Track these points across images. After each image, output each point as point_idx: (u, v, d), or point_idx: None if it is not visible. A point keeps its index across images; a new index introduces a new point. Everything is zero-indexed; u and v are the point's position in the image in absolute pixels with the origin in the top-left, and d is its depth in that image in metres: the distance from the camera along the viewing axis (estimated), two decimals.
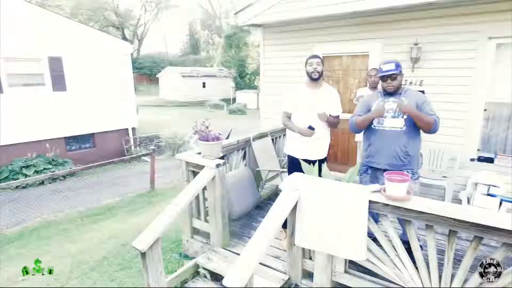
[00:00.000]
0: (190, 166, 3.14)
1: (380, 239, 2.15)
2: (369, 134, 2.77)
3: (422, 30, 3.77)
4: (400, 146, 2.59)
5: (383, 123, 2.64)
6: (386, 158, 2.65)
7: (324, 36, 4.55)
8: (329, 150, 5.00)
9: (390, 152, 2.63)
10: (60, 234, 5.40)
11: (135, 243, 2.36)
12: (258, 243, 2.05)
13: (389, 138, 2.62)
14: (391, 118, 2.61)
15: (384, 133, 2.64)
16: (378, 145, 2.69)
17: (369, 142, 2.77)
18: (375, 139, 2.71)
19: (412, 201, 1.95)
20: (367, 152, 2.81)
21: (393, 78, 2.57)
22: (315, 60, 2.92)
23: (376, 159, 2.72)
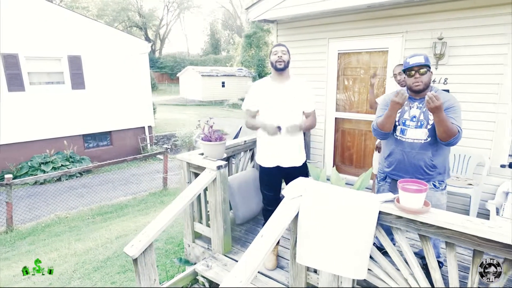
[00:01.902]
0: (191, 167, 2.99)
1: (391, 254, 1.90)
2: (390, 141, 2.44)
3: (448, 23, 3.44)
4: (425, 160, 2.25)
5: (405, 133, 2.29)
6: (410, 172, 2.31)
7: (340, 31, 4.28)
8: (344, 153, 4.75)
9: (413, 166, 2.29)
10: (70, 232, 5.42)
11: (126, 248, 2.23)
12: (255, 255, 1.85)
13: (413, 151, 2.27)
14: (414, 129, 2.26)
15: (406, 144, 2.30)
16: (400, 157, 2.35)
17: (390, 151, 2.43)
18: (397, 149, 2.37)
19: (430, 214, 1.70)
20: (387, 161, 2.47)
21: (421, 72, 2.19)
22: (279, 48, 2.55)
23: (398, 171, 2.39)
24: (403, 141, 2.32)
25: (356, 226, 1.86)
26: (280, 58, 2.53)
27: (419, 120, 2.24)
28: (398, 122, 2.34)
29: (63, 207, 6.64)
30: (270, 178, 2.70)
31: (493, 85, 3.32)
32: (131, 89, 10.59)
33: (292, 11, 4.20)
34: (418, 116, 2.25)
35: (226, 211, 2.87)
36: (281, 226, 1.98)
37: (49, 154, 8.79)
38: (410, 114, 2.29)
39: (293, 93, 2.58)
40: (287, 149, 2.60)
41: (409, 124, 2.28)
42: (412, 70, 2.22)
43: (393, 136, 2.39)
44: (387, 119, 2.26)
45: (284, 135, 2.54)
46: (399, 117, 2.33)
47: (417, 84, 2.22)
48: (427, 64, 2.19)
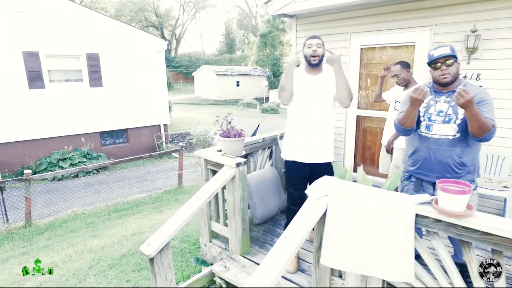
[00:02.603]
0: (209, 164, 2.89)
1: (426, 260, 1.75)
2: (414, 138, 2.28)
3: (481, 15, 3.22)
4: (453, 157, 2.08)
5: (432, 129, 2.13)
6: (436, 170, 2.15)
7: (363, 25, 4.10)
8: (365, 152, 4.56)
9: (440, 164, 2.12)
10: (86, 228, 5.43)
11: (143, 247, 2.15)
12: (278, 258, 1.74)
13: (440, 148, 2.10)
14: (441, 124, 2.09)
15: (433, 141, 2.13)
16: (426, 154, 2.17)
17: (415, 149, 2.26)
18: (422, 147, 2.20)
19: (474, 218, 1.54)
20: (412, 159, 2.30)
21: (448, 64, 2.04)
22: (314, 41, 2.44)
23: (423, 170, 2.22)
24: (428, 138, 2.15)
25: (391, 229, 1.72)
26: (314, 53, 2.44)
27: (447, 115, 2.07)
28: (423, 118, 2.17)
29: (80, 203, 6.69)
30: (297, 175, 2.61)
31: None
32: (147, 87, 10.64)
33: (312, 4, 4.05)
34: (446, 110, 2.08)
35: (245, 210, 2.76)
36: (306, 227, 1.85)
37: (67, 150, 8.91)
38: (436, 108, 2.12)
39: (326, 85, 2.49)
40: (314, 144, 2.50)
41: (435, 119, 2.11)
42: (437, 63, 2.07)
43: (417, 132, 2.22)
44: (408, 115, 2.12)
45: (313, 130, 2.47)
46: (424, 112, 2.17)
47: (444, 76, 2.06)
48: (453, 54, 2.04)
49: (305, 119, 2.49)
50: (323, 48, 2.45)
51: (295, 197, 2.66)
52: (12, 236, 5.33)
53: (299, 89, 2.49)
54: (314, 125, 2.48)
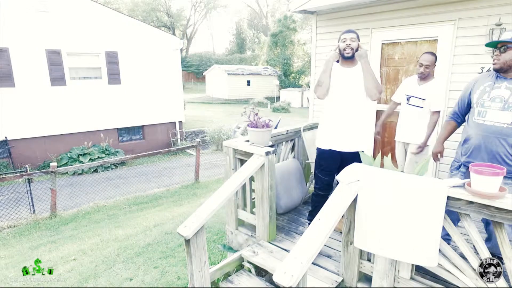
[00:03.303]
0: (237, 153, 2.99)
1: (459, 243, 1.81)
2: (467, 127, 2.30)
3: (507, 8, 3.25)
4: (505, 146, 2.06)
5: (485, 115, 2.13)
6: (486, 159, 2.15)
7: (384, 21, 4.15)
8: (385, 147, 4.60)
9: (490, 153, 2.13)
10: (109, 219, 5.60)
11: (180, 229, 2.26)
12: (314, 238, 1.82)
13: (491, 135, 2.10)
14: (497, 110, 2.08)
15: (485, 128, 2.13)
16: (477, 142, 2.18)
17: (467, 137, 2.28)
18: (474, 134, 2.20)
19: (508, 199, 1.60)
20: (463, 148, 2.32)
21: (502, 50, 2.05)
22: (349, 35, 2.53)
23: (473, 158, 2.21)
24: (481, 124, 2.17)
25: (421, 212, 1.79)
26: (348, 46, 2.53)
27: (507, 102, 2.06)
28: (476, 104, 2.20)
29: (101, 196, 6.89)
30: (328, 161, 2.69)
31: None
32: (163, 85, 10.85)
33: (334, 0, 4.12)
34: (507, 97, 2.07)
35: (272, 198, 2.85)
36: (339, 210, 1.93)
37: (87, 146, 9.16)
38: (492, 95, 2.13)
39: (361, 77, 2.56)
40: (348, 133, 2.60)
41: (489, 105, 2.13)
42: (496, 47, 2.13)
43: (472, 120, 2.26)
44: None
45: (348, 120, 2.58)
46: (478, 98, 2.20)
47: (494, 62, 2.13)
48: (510, 41, 2.05)
49: (341, 110, 2.59)
50: (357, 42, 2.53)
51: (323, 183, 2.75)
52: (39, 226, 5.54)
53: (334, 82, 2.59)
54: (349, 115, 2.57)
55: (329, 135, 2.66)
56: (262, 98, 26.19)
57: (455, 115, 2.45)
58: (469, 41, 3.54)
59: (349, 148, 2.61)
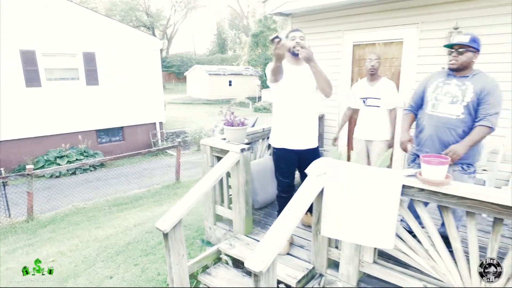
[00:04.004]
0: (214, 151, 3.11)
1: (413, 227, 2.00)
2: (421, 119, 2.50)
3: (463, 13, 3.51)
4: (454, 136, 2.27)
5: (438, 108, 2.34)
6: (438, 147, 2.34)
7: (355, 23, 4.37)
8: None
9: (442, 143, 2.32)
10: (88, 221, 5.58)
11: (158, 223, 2.35)
12: (283, 225, 1.96)
13: (443, 125, 2.31)
14: (448, 104, 2.30)
15: (437, 119, 2.34)
16: (430, 132, 2.39)
17: (420, 129, 2.48)
18: (427, 125, 2.41)
19: (452, 186, 1.79)
20: (418, 139, 2.53)
21: (460, 52, 2.23)
22: (298, 33, 2.56)
23: (426, 147, 2.43)
24: (433, 116, 2.38)
25: (381, 200, 1.96)
26: (298, 44, 2.54)
27: (455, 96, 2.27)
28: (430, 97, 2.41)
29: (79, 198, 6.82)
30: (286, 163, 2.72)
31: (509, 73, 3.39)
32: (143, 85, 10.79)
33: (307, 3, 4.30)
34: (455, 93, 2.28)
35: (248, 193, 2.98)
36: (306, 200, 2.08)
37: (64, 148, 9.00)
38: (443, 90, 2.34)
39: (310, 74, 2.59)
40: (300, 131, 2.64)
41: (442, 98, 2.33)
42: (453, 48, 2.29)
43: (425, 112, 2.45)
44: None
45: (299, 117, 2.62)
46: (432, 92, 2.41)
47: (451, 62, 2.29)
48: (467, 44, 2.22)
49: (291, 108, 2.62)
50: (305, 41, 2.60)
51: (284, 185, 2.79)
52: (15, 230, 5.45)
53: (284, 79, 2.59)
54: (300, 113, 2.61)
55: (281, 133, 2.69)
56: (244, 98, 26.31)
57: (412, 108, 2.64)
58: (431, 43, 3.79)
59: (302, 146, 2.66)
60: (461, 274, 1.86)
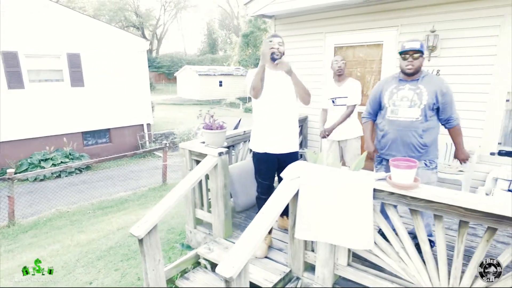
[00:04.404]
0: (193, 155, 3.09)
1: (384, 230, 2.02)
2: (383, 124, 2.60)
3: (440, 17, 3.57)
4: (416, 137, 2.42)
5: (398, 113, 2.46)
6: (402, 150, 2.48)
7: (336, 26, 4.40)
8: None
9: (406, 145, 2.46)
10: (71, 225, 5.50)
11: (132, 229, 2.33)
12: (255, 231, 1.96)
13: (405, 129, 2.44)
14: (406, 108, 2.42)
15: (399, 123, 2.46)
16: (393, 136, 2.51)
17: (383, 133, 2.59)
18: (390, 130, 2.53)
19: (420, 189, 1.82)
20: (381, 143, 2.63)
21: (415, 57, 2.35)
22: (276, 39, 2.55)
23: (391, 151, 2.55)
24: (394, 121, 2.48)
25: (354, 203, 1.98)
26: (277, 50, 2.55)
27: (412, 100, 2.40)
28: (388, 104, 2.50)
29: (63, 202, 6.71)
30: (266, 165, 2.74)
31: (484, 75, 3.46)
32: (129, 87, 10.68)
33: (289, 6, 4.32)
34: (411, 97, 2.41)
35: (227, 196, 2.97)
36: (280, 203, 2.09)
37: (49, 151, 8.86)
38: (399, 95, 2.45)
39: (289, 80, 2.59)
40: (281, 135, 2.65)
41: (399, 104, 2.43)
42: (406, 54, 2.38)
43: (385, 118, 2.54)
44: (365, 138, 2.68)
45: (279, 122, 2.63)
46: (388, 99, 2.50)
47: (409, 67, 2.38)
48: (421, 50, 2.35)
49: (271, 112, 2.63)
50: (284, 46, 2.61)
51: (264, 187, 2.82)
52: None
53: (264, 84, 2.59)
54: (280, 117, 2.63)
55: (262, 138, 2.70)
56: (235, 99, 26.29)
57: (370, 115, 2.72)
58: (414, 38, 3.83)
59: (282, 150, 2.67)
60: (430, 276, 1.89)
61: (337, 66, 3.48)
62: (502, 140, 3.52)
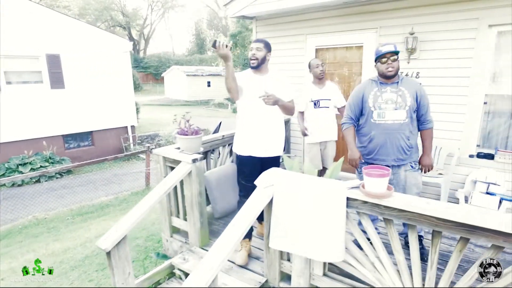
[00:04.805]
0: (167, 161, 2.99)
1: (359, 240, 1.96)
2: (368, 129, 2.51)
3: (418, 19, 3.55)
4: (404, 139, 2.41)
5: (385, 116, 2.41)
6: (392, 153, 2.43)
7: (317, 27, 4.35)
8: None
9: (395, 148, 2.42)
10: (48, 232, 5.31)
11: (99, 242, 2.22)
12: (225, 243, 1.88)
13: (393, 131, 2.40)
14: (393, 111, 2.38)
15: (386, 126, 2.41)
16: (381, 140, 2.44)
17: (370, 138, 2.50)
18: (377, 134, 2.45)
19: (393, 198, 1.76)
20: (368, 148, 2.54)
21: (392, 59, 2.34)
22: (255, 44, 2.49)
23: (380, 155, 2.48)
24: (382, 124, 2.42)
25: (326, 212, 1.91)
26: (253, 56, 2.50)
27: (397, 102, 2.37)
28: (373, 107, 2.43)
29: (41, 208, 6.49)
30: (248, 168, 2.68)
31: (462, 78, 3.45)
32: (113, 88, 10.44)
33: (268, 7, 4.25)
34: (395, 99, 2.38)
35: (203, 204, 2.88)
36: (252, 214, 2.01)
37: (27, 155, 8.58)
38: (383, 98, 2.40)
39: (272, 84, 2.58)
40: (265, 139, 2.61)
41: (385, 107, 2.39)
42: (384, 57, 2.36)
43: (370, 122, 2.47)
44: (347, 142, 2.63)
45: (263, 126, 2.59)
46: (373, 103, 2.44)
47: (390, 70, 2.36)
48: (397, 51, 2.36)
49: (255, 117, 2.58)
50: (263, 51, 2.51)
51: (247, 189, 2.71)
52: None
53: (247, 88, 2.57)
54: (263, 121, 2.59)
55: (246, 141, 2.65)
56: (223, 99, 26.12)
57: (352, 120, 2.62)
58: None
59: (267, 153, 2.64)
60: (404, 285, 1.84)
61: (319, 70, 3.50)
62: (481, 142, 3.53)
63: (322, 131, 3.60)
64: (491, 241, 1.50)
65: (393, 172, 2.48)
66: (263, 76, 2.59)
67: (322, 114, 3.56)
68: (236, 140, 2.76)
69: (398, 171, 2.50)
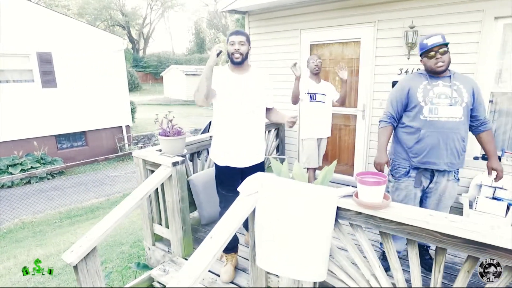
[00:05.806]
0: (147, 164, 2.77)
1: (353, 254, 1.74)
2: (416, 127, 2.14)
3: (419, 12, 3.32)
4: (459, 140, 2.07)
5: (438, 112, 2.06)
6: (445, 155, 2.09)
7: (312, 22, 4.12)
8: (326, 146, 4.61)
9: (449, 150, 2.08)
10: (33, 237, 5.10)
11: (64, 255, 2.01)
12: (201, 259, 1.66)
13: (448, 131, 2.06)
14: (447, 107, 2.04)
15: (440, 125, 2.06)
16: (434, 140, 2.08)
17: (419, 137, 2.14)
18: (428, 132, 2.09)
19: (390, 209, 1.54)
20: (414, 149, 2.17)
21: (443, 51, 2.03)
22: (237, 38, 2.18)
23: (431, 157, 2.12)
24: (435, 122, 2.08)
25: (314, 224, 1.69)
26: (237, 51, 2.20)
27: (453, 97, 2.06)
28: (424, 102, 2.11)
29: (29, 211, 6.29)
30: (227, 177, 2.41)
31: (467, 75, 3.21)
32: (106, 87, 10.22)
33: (260, 0, 4.02)
34: (450, 94, 2.06)
35: (185, 210, 2.66)
36: (232, 226, 1.79)
37: (18, 155, 8.37)
38: (435, 92, 2.09)
39: (254, 85, 2.31)
40: (244, 148, 2.33)
41: (438, 101, 2.07)
42: (431, 51, 2.07)
43: (419, 119, 2.13)
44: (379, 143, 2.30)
45: (242, 133, 2.31)
46: (423, 97, 2.11)
47: (440, 65, 2.06)
48: (446, 43, 2.06)
49: (234, 122, 2.28)
50: (246, 46, 2.24)
51: (228, 200, 2.37)
52: None
53: (225, 89, 2.27)
54: (244, 128, 2.29)
55: (223, 150, 2.36)
56: None
57: (392, 119, 2.28)
58: (388, 42, 3.60)
59: (246, 163, 2.36)
60: None
61: (313, 64, 3.43)
62: None
63: (318, 127, 3.49)
64: (505, 262, 1.27)
65: (435, 181, 2.19)
66: (243, 75, 2.29)
67: (317, 109, 3.45)
68: (213, 147, 2.44)
69: (441, 179, 2.18)
